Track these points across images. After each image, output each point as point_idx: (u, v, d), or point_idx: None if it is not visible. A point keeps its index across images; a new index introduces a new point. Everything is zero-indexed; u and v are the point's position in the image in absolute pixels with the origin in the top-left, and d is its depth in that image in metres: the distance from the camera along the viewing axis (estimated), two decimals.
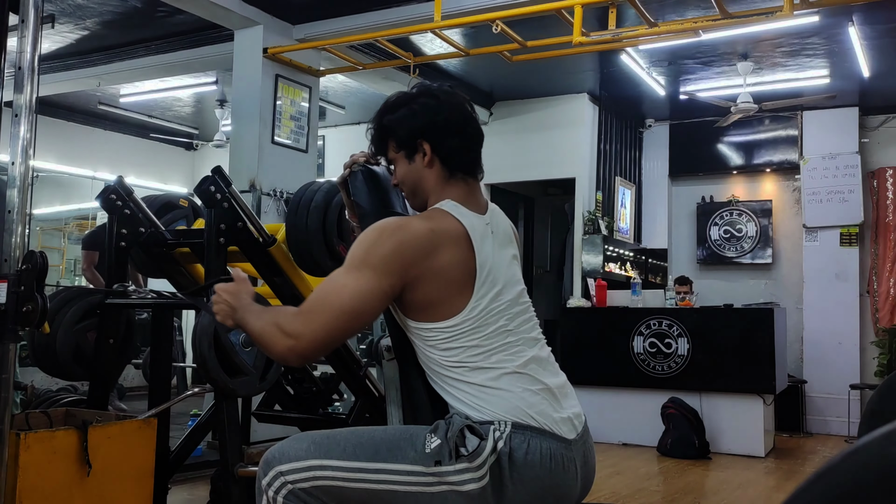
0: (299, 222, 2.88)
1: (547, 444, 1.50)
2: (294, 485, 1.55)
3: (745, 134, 7.72)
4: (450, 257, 1.53)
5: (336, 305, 1.49)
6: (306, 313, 1.51)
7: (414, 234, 1.52)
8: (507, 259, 1.67)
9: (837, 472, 0.57)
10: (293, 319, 1.51)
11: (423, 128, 1.65)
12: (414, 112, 1.66)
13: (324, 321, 1.48)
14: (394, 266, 1.49)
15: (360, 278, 1.49)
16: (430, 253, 1.52)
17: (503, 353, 1.56)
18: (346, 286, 1.49)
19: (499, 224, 1.70)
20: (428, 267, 1.51)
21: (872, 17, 5.20)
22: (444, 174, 1.66)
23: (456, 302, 1.54)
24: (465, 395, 1.55)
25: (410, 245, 1.50)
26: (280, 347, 1.51)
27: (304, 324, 1.49)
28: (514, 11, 4.50)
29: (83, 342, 3.05)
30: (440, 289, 1.53)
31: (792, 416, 6.72)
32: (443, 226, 1.56)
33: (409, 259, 1.50)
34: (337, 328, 1.50)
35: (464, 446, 1.45)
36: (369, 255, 1.50)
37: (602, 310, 6.31)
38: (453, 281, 1.54)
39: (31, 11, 2.22)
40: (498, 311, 1.57)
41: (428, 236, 1.52)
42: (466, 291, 1.55)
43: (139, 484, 2.60)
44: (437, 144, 1.65)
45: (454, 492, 1.47)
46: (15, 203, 2.16)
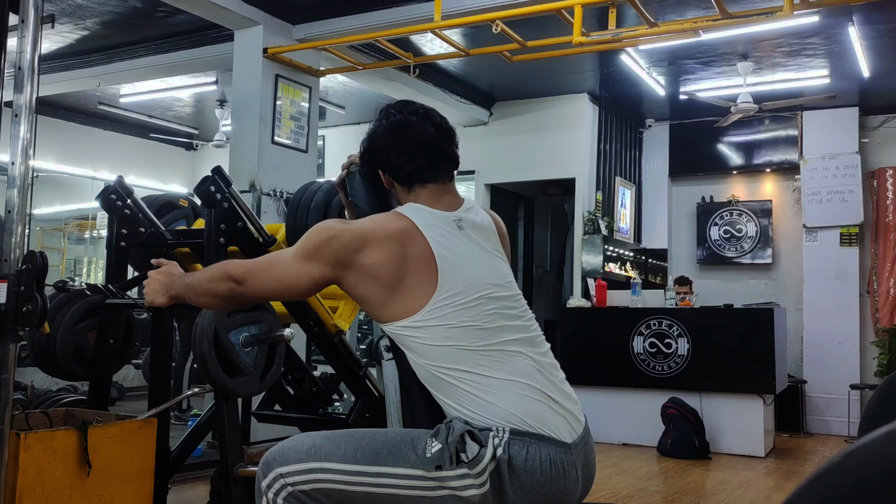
0: (299, 222, 2.89)
1: (546, 451, 1.49)
2: (294, 487, 1.55)
3: (745, 134, 7.72)
4: (383, 256, 1.55)
5: (275, 273, 1.66)
6: (253, 269, 1.68)
7: (348, 232, 1.59)
8: (483, 254, 1.66)
9: (837, 472, 0.57)
10: (241, 268, 1.68)
11: (368, 156, 1.76)
12: (363, 145, 1.78)
13: (263, 281, 1.67)
14: (325, 256, 1.59)
15: (296, 259, 1.63)
16: (360, 249, 1.56)
17: (495, 355, 1.55)
18: (286, 261, 1.66)
19: (473, 220, 1.69)
20: (361, 262, 1.56)
21: (872, 17, 5.20)
22: (403, 189, 1.72)
23: (412, 297, 1.55)
24: (460, 402, 1.53)
25: (343, 240, 1.58)
26: (224, 288, 1.68)
27: (248, 274, 1.67)
28: (514, 11, 4.50)
29: (83, 342, 3.05)
30: (378, 284, 1.56)
31: (792, 416, 6.72)
32: (386, 225, 1.60)
33: (339, 252, 1.57)
34: (269, 289, 1.70)
35: (464, 452, 1.44)
36: (308, 244, 1.62)
37: (602, 310, 6.31)
38: (393, 276, 1.55)
39: (31, 11, 2.22)
40: (470, 306, 1.55)
41: (364, 234, 1.58)
42: (424, 286, 1.55)
43: (139, 484, 2.60)
44: (383, 167, 1.74)
45: (455, 497, 1.46)
46: (15, 203, 2.16)
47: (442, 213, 1.65)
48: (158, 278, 1.78)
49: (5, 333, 2.09)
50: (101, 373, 3.04)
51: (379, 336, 2.18)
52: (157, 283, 1.77)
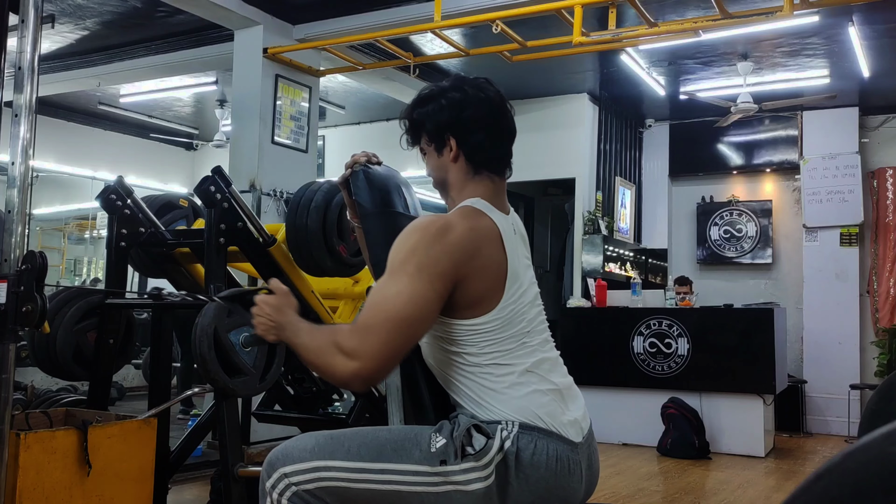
0: (299, 222, 2.89)
1: (554, 446, 1.50)
2: (298, 486, 1.54)
3: (745, 134, 7.72)
4: (489, 255, 1.53)
5: (394, 315, 1.41)
6: (365, 329, 1.42)
7: (460, 234, 1.50)
8: (525, 261, 1.68)
9: (837, 472, 0.57)
10: (351, 336, 1.42)
11: (448, 122, 1.64)
12: (441, 107, 1.65)
13: (385, 334, 1.40)
14: (447, 266, 1.46)
15: (415, 282, 1.43)
16: (475, 251, 1.51)
17: (520, 353, 1.56)
18: (401, 293, 1.42)
19: (518, 227, 1.70)
20: (473, 266, 1.50)
21: (872, 17, 5.20)
22: (468, 170, 1.65)
23: (491, 300, 1.54)
24: (476, 393, 1.55)
25: (458, 245, 1.48)
26: (342, 371, 1.42)
27: (363, 340, 1.41)
28: (514, 11, 4.50)
29: (83, 342, 3.05)
30: (481, 286, 1.53)
31: (792, 416, 6.72)
32: (480, 224, 1.56)
33: (459, 259, 1.47)
34: (399, 339, 1.42)
35: (470, 445, 1.44)
36: (419, 256, 1.45)
37: (602, 310, 6.31)
38: (491, 278, 1.54)
39: (31, 11, 2.22)
40: (521, 312, 1.57)
41: (471, 235, 1.52)
42: (499, 290, 1.55)
43: (139, 484, 2.60)
44: (461, 140, 1.64)
45: (459, 491, 1.47)
46: (15, 203, 2.16)
47: (504, 215, 1.65)
48: (271, 313, 1.56)
49: (5, 333, 2.09)
50: (101, 373, 3.04)
51: None
52: (268, 318, 1.56)
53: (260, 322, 1.58)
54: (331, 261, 2.89)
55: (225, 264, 2.86)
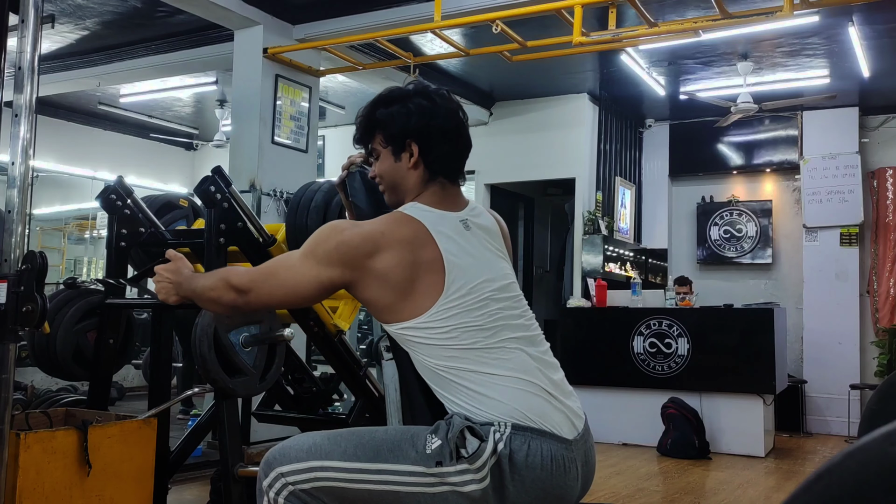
0: (299, 222, 2.89)
1: (548, 446, 1.50)
2: (295, 486, 1.55)
3: (745, 134, 7.72)
4: (394, 260, 1.54)
5: (281, 280, 1.62)
6: (256, 278, 1.65)
7: (358, 235, 1.56)
8: (487, 255, 1.66)
9: (837, 472, 0.57)
10: (243, 277, 1.65)
11: (415, 129, 1.66)
12: (409, 111, 1.66)
13: (269, 289, 1.63)
14: (334, 260, 1.56)
15: (305, 264, 1.59)
16: (371, 254, 1.54)
17: (496, 353, 1.55)
18: (293, 266, 1.62)
19: (477, 219, 1.70)
20: (369, 267, 1.54)
21: (872, 17, 5.20)
22: (425, 177, 1.68)
23: (419, 299, 1.54)
24: (462, 399, 1.54)
25: (353, 244, 1.55)
26: (227, 298, 1.65)
27: (252, 284, 1.64)
28: (514, 11, 4.50)
29: (83, 342, 3.05)
30: (383, 290, 1.55)
31: (792, 416, 6.72)
32: (395, 229, 1.57)
33: (350, 256, 1.55)
34: (277, 297, 1.66)
35: (464, 447, 1.44)
36: (316, 247, 1.59)
37: (602, 310, 6.31)
38: (398, 282, 1.54)
39: (31, 11, 2.22)
40: (475, 307, 1.56)
41: (374, 238, 1.55)
42: (431, 289, 1.55)
43: (139, 484, 2.60)
44: (425, 148, 1.66)
45: (455, 493, 1.47)
46: (15, 203, 2.16)
47: (448, 213, 1.65)
48: (168, 276, 1.75)
49: (5, 333, 2.09)
50: (101, 373, 3.04)
51: (379, 336, 2.18)
52: (166, 281, 1.75)
53: (161, 287, 1.76)
54: None
55: (225, 264, 2.85)
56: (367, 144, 1.74)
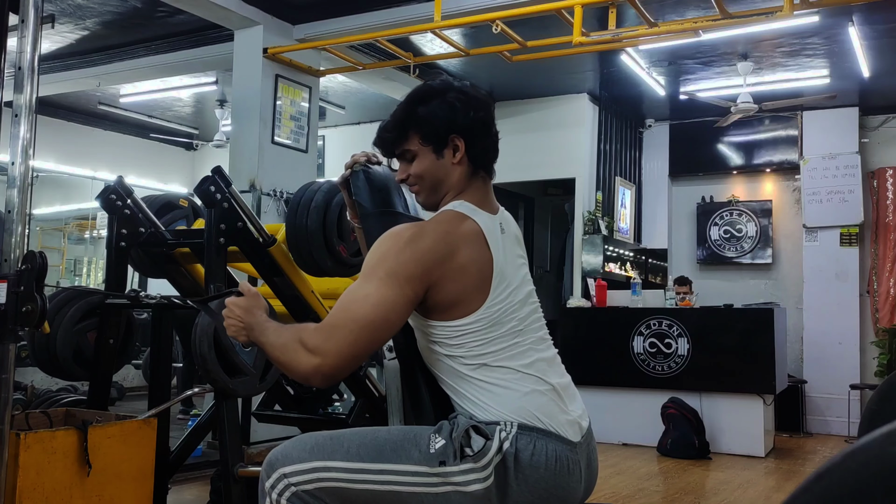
0: (299, 222, 2.88)
1: (553, 447, 1.50)
2: (298, 487, 1.55)
3: (745, 134, 7.72)
4: (468, 257, 1.53)
5: (361, 317, 1.45)
6: (330, 328, 1.46)
7: (433, 239, 1.51)
8: (517, 260, 1.68)
9: (837, 471, 0.57)
10: (315, 335, 1.46)
11: (460, 123, 1.62)
12: (451, 106, 1.62)
13: (349, 334, 1.44)
14: (416, 271, 1.47)
15: (383, 287, 1.46)
16: (448, 255, 1.51)
17: (512, 353, 1.56)
18: (369, 296, 1.46)
19: (509, 225, 1.70)
20: (448, 268, 1.51)
21: (872, 17, 5.20)
22: (469, 172, 1.65)
23: (473, 300, 1.54)
24: (472, 394, 1.55)
25: (430, 250, 1.49)
26: (304, 366, 1.46)
27: (327, 338, 1.44)
28: (514, 11, 4.50)
29: (83, 342, 3.05)
30: (459, 288, 1.53)
31: (792, 416, 6.72)
32: (458, 227, 1.56)
33: (430, 263, 1.49)
34: (363, 340, 1.45)
35: (469, 446, 1.44)
36: (389, 262, 1.47)
37: (602, 310, 6.31)
38: (472, 279, 1.54)
39: (31, 11, 2.22)
40: (511, 311, 1.57)
41: (445, 239, 1.52)
42: (483, 290, 1.55)
43: (139, 484, 2.60)
44: (470, 142, 1.63)
45: (458, 492, 1.47)
46: (15, 203, 2.16)
47: (491, 215, 1.65)
48: (240, 315, 1.58)
49: (5, 333, 2.09)
50: (101, 373, 3.03)
51: None
52: (237, 319, 1.58)
53: (230, 324, 1.60)
54: (331, 261, 2.89)
55: (225, 264, 2.86)
56: (400, 147, 1.66)
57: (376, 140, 1.70)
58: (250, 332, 1.56)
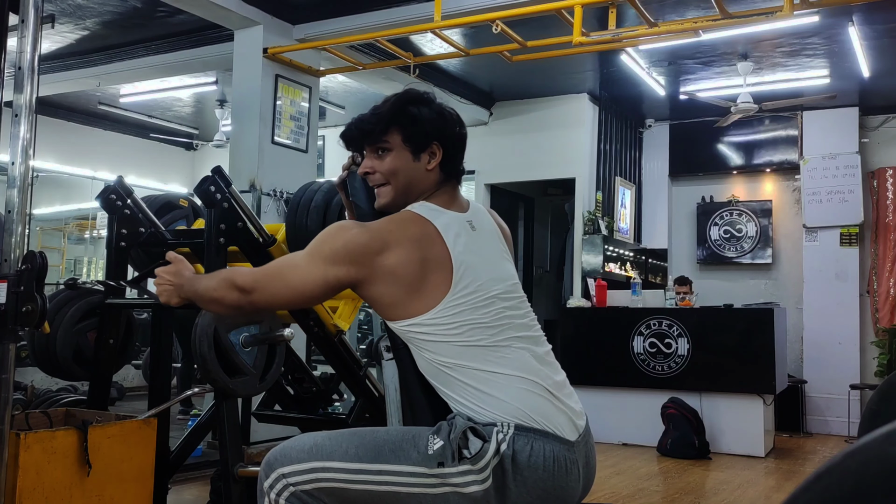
0: (299, 222, 2.89)
1: (550, 447, 1.50)
2: (296, 487, 1.55)
3: (745, 134, 7.72)
4: (403, 257, 1.55)
5: (286, 280, 1.61)
6: (261, 278, 1.64)
7: (369, 234, 1.56)
8: (493, 255, 1.68)
9: (837, 472, 0.57)
10: (247, 277, 1.64)
11: (444, 133, 1.69)
12: (441, 115, 1.70)
13: (274, 289, 1.61)
14: (342, 259, 1.55)
15: (311, 263, 1.59)
16: (380, 251, 1.54)
17: (498, 353, 1.56)
18: (298, 266, 1.61)
19: (482, 221, 1.72)
20: (378, 264, 1.54)
21: (872, 17, 5.20)
22: (439, 179, 1.70)
23: (426, 297, 1.55)
24: (465, 398, 1.55)
25: (361, 242, 1.55)
26: (230, 298, 1.64)
27: (256, 283, 1.62)
28: (514, 11, 4.50)
29: (83, 342, 3.05)
30: (393, 286, 1.55)
31: (792, 416, 6.72)
32: (403, 227, 1.59)
33: (358, 255, 1.55)
34: (282, 298, 1.63)
35: (466, 448, 1.44)
36: (323, 246, 1.59)
37: (602, 310, 6.31)
38: (407, 279, 1.55)
39: (31, 11, 2.22)
40: (481, 306, 1.57)
41: (382, 236, 1.56)
42: (438, 287, 1.55)
43: (139, 484, 2.60)
44: (449, 153, 1.70)
45: (457, 493, 1.47)
46: (15, 203, 2.16)
47: (456, 214, 1.67)
48: (169, 279, 1.72)
49: (5, 333, 2.09)
50: (101, 373, 3.04)
51: (379, 336, 2.18)
52: (167, 283, 1.72)
53: (162, 290, 1.73)
54: None
55: (225, 264, 2.86)
56: (377, 141, 1.69)
57: (349, 130, 1.74)
58: (181, 290, 1.70)
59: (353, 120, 1.74)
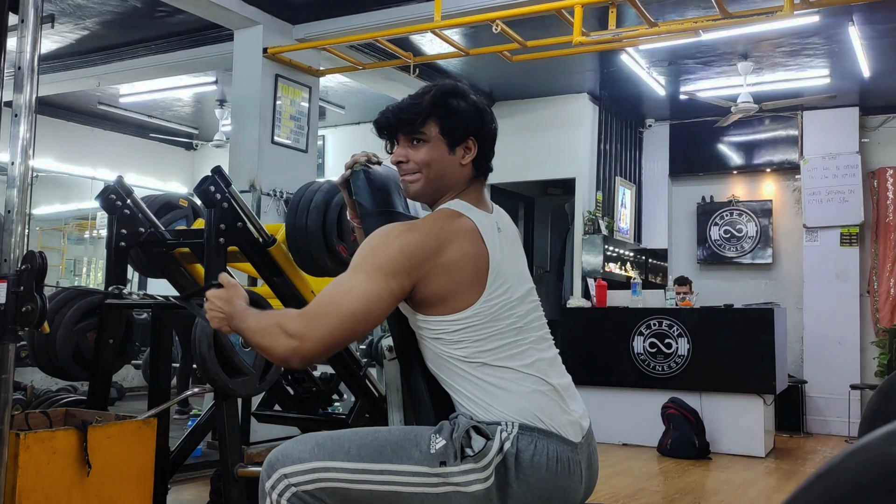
0: (299, 222, 2.88)
1: (554, 447, 1.50)
2: (298, 487, 1.55)
3: (746, 134, 7.72)
4: (460, 251, 1.54)
5: (343, 307, 1.47)
6: (311, 315, 1.48)
7: (422, 233, 1.53)
8: (515, 257, 1.69)
9: (837, 472, 0.57)
10: (296, 320, 1.49)
11: (480, 128, 1.67)
12: (479, 109, 1.68)
13: (329, 323, 1.46)
14: (402, 265, 1.48)
15: (368, 279, 1.48)
16: (438, 250, 1.52)
17: (512, 352, 1.56)
18: (353, 288, 1.48)
19: (506, 223, 1.73)
20: (437, 263, 1.52)
21: (872, 17, 5.20)
22: (471, 175, 1.69)
23: (467, 295, 1.54)
24: (473, 394, 1.55)
25: (418, 244, 1.51)
26: (282, 349, 1.48)
27: (308, 325, 1.47)
28: (514, 11, 4.50)
29: (83, 342, 3.05)
30: (450, 283, 1.53)
31: (792, 416, 6.72)
32: (451, 223, 1.58)
33: (418, 258, 1.50)
34: (343, 330, 1.47)
35: (469, 447, 1.44)
36: (377, 256, 1.49)
37: (602, 310, 6.31)
38: (464, 274, 1.54)
39: (31, 11, 2.22)
40: (508, 308, 1.57)
41: (436, 234, 1.53)
42: (478, 285, 1.55)
43: (139, 484, 2.60)
44: (483, 149, 1.69)
45: (459, 492, 1.47)
46: (15, 203, 2.16)
47: (487, 213, 1.67)
48: (221, 306, 1.60)
49: (5, 333, 2.09)
50: (100, 373, 3.03)
51: (379, 336, 2.18)
52: (218, 310, 1.60)
53: (213, 315, 1.62)
54: (331, 261, 2.89)
55: (225, 264, 2.86)
56: (415, 130, 1.64)
57: (386, 117, 1.67)
58: (231, 321, 1.59)
59: (391, 107, 1.68)
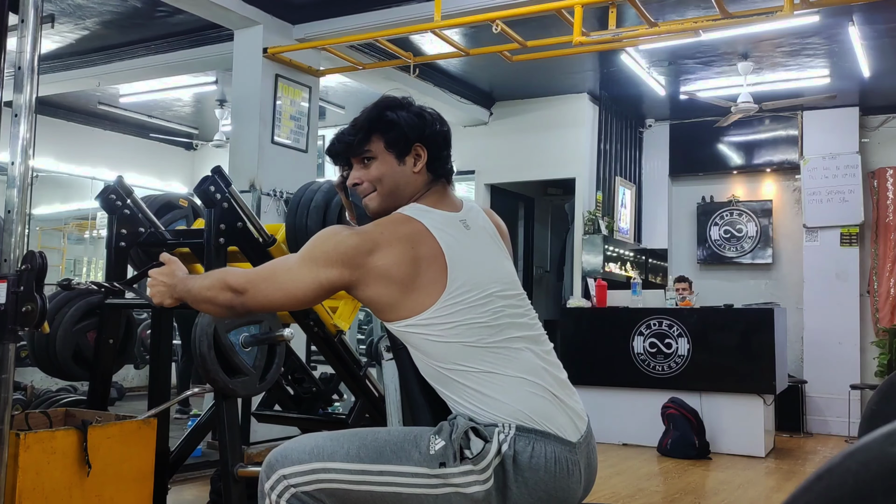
0: (299, 222, 2.89)
1: (551, 448, 1.50)
2: (297, 488, 1.55)
3: (746, 134, 7.72)
4: (397, 255, 1.54)
5: (280, 283, 1.61)
6: (255, 278, 1.64)
7: (360, 236, 1.57)
8: (489, 253, 1.68)
9: (837, 471, 0.57)
10: (240, 277, 1.64)
11: (425, 133, 1.69)
12: (420, 115, 1.70)
13: (266, 290, 1.62)
14: (333, 262, 1.55)
15: (303, 267, 1.59)
16: (370, 252, 1.54)
17: (501, 352, 1.55)
18: (291, 269, 1.61)
19: (476, 220, 1.72)
20: (372, 265, 1.54)
21: (872, 17, 5.20)
22: (427, 180, 1.70)
23: (422, 296, 1.54)
24: (466, 399, 1.54)
25: (353, 244, 1.55)
26: (223, 298, 1.64)
27: (250, 284, 1.63)
28: (514, 11, 4.50)
29: (83, 342, 3.05)
30: (390, 286, 1.54)
31: (792, 416, 6.72)
32: (396, 227, 1.59)
33: (349, 255, 1.54)
34: (275, 300, 1.63)
35: (468, 448, 1.44)
36: (315, 249, 1.59)
37: (602, 310, 6.30)
38: (405, 277, 1.54)
39: (31, 11, 2.22)
40: (476, 303, 1.56)
41: (373, 237, 1.56)
42: (437, 284, 1.55)
43: (139, 484, 2.60)
44: (432, 153, 1.70)
45: (458, 494, 1.46)
46: (15, 203, 2.16)
47: (448, 213, 1.66)
48: (163, 279, 1.73)
49: (5, 333, 2.09)
50: (100, 373, 3.03)
51: (379, 336, 2.18)
52: (161, 284, 1.73)
53: (155, 291, 1.74)
54: None
55: (225, 264, 2.85)
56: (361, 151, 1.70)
57: (332, 145, 1.75)
58: (173, 291, 1.72)
59: (335, 135, 1.76)
